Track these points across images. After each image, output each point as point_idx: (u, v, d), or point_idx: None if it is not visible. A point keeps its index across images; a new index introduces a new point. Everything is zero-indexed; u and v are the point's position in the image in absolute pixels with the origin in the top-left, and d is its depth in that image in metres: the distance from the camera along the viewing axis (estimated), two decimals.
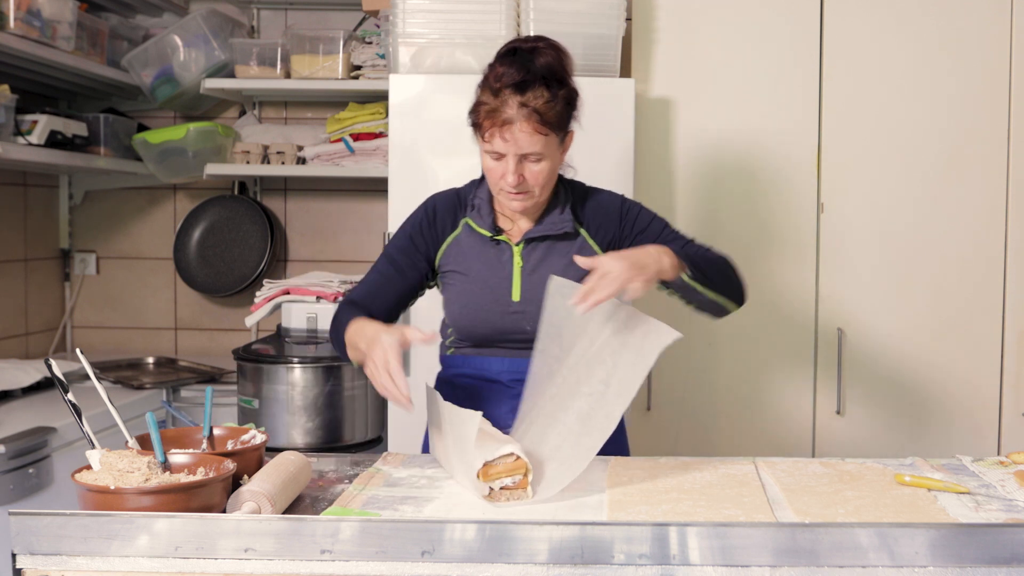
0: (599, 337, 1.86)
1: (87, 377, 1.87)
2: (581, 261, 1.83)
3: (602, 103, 2.82)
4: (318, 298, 3.06)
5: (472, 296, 2.02)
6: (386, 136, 3.31)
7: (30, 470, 2.40)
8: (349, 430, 2.85)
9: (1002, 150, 3.01)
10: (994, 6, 2.99)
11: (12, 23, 2.77)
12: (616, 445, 2.06)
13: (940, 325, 3.04)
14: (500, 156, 1.91)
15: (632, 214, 2.07)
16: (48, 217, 3.68)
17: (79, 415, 1.63)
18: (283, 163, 3.49)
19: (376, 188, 3.53)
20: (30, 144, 2.98)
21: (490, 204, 2.03)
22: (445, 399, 1.81)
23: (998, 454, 2.70)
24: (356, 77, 3.39)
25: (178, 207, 3.78)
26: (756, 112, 3.04)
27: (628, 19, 2.97)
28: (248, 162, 3.48)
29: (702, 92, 3.05)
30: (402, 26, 2.86)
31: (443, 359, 2.14)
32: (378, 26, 3.33)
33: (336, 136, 3.44)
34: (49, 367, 1.66)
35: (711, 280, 1.98)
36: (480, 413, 1.64)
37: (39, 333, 3.62)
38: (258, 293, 3.17)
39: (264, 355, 2.87)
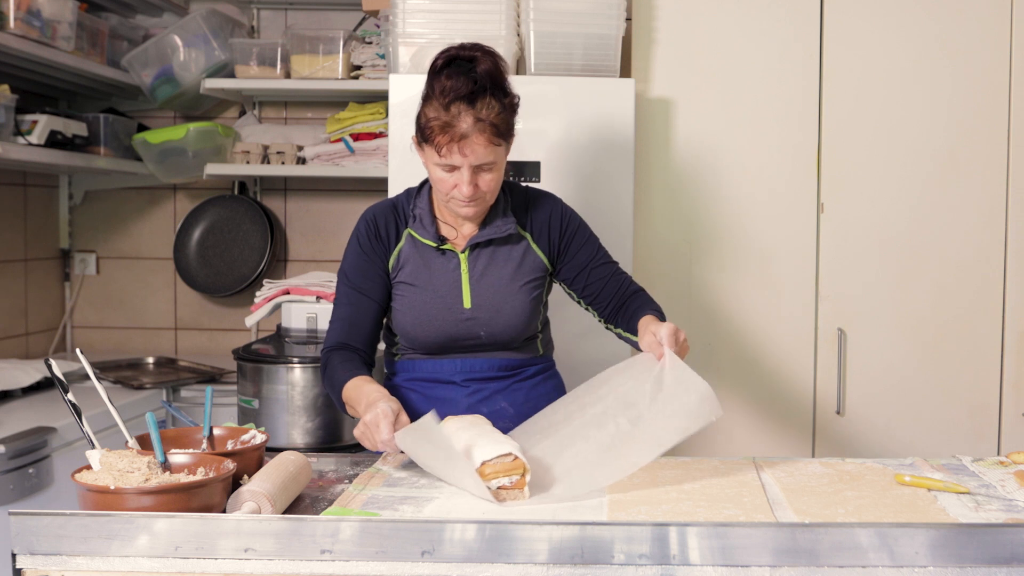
0: (641, 377, 1.86)
1: (87, 377, 1.87)
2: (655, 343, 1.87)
3: (602, 103, 2.82)
4: (318, 298, 3.05)
5: (424, 307, 2.03)
6: (386, 136, 3.31)
7: (30, 470, 2.40)
8: (349, 430, 2.84)
9: (1002, 150, 3.01)
10: (994, 6, 2.99)
11: (12, 23, 2.77)
12: None
13: (940, 325, 3.04)
14: (453, 168, 1.92)
15: (572, 227, 2.12)
16: (48, 217, 3.68)
17: (79, 415, 1.63)
18: (283, 163, 3.49)
19: (376, 188, 3.53)
20: (30, 144, 2.98)
21: (431, 214, 2.06)
22: (404, 406, 1.87)
23: (998, 454, 2.70)
24: (356, 77, 3.39)
25: (178, 207, 3.78)
26: (756, 112, 3.04)
27: (628, 19, 2.97)
28: (248, 162, 3.48)
29: (702, 92, 3.05)
30: (402, 26, 2.86)
31: (392, 364, 2.16)
32: (378, 26, 3.33)
33: (336, 136, 3.44)
34: (49, 367, 1.66)
35: None
36: (432, 412, 1.67)
37: (39, 333, 3.62)
38: (258, 293, 3.16)
39: (264, 355, 2.87)
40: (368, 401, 1.86)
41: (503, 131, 1.92)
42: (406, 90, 2.83)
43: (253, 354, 2.89)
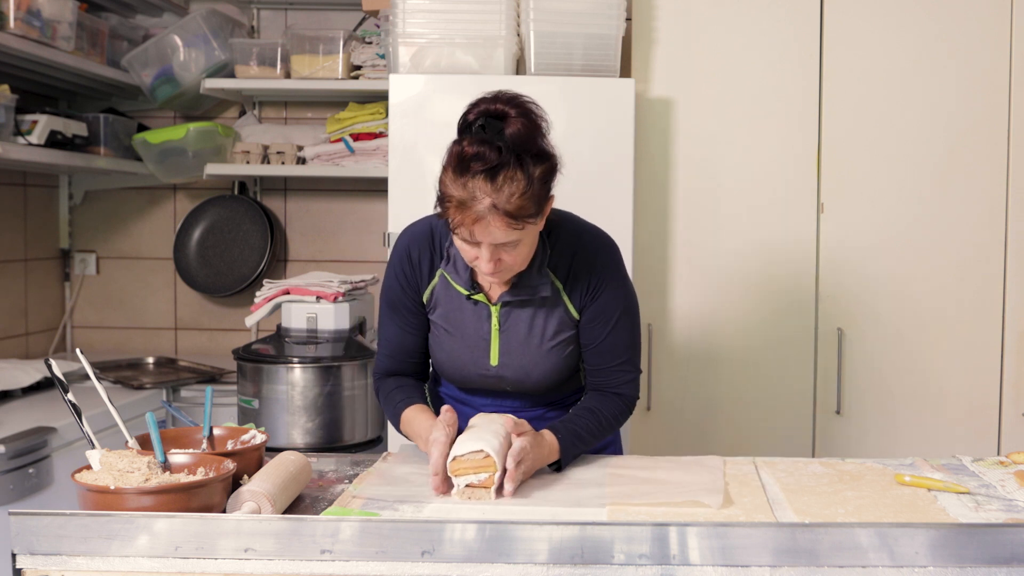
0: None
1: (87, 377, 1.87)
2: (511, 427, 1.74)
3: (602, 103, 2.82)
4: (318, 298, 3.05)
5: (453, 353, 1.95)
6: (386, 136, 3.31)
7: (30, 470, 2.40)
8: (349, 430, 2.84)
9: (1002, 150, 3.01)
10: (994, 6, 2.99)
11: (12, 23, 2.77)
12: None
13: (940, 325, 3.04)
14: (472, 243, 1.74)
15: (601, 291, 1.91)
16: (48, 217, 3.68)
17: (79, 415, 1.63)
18: (283, 163, 3.48)
19: (376, 188, 3.53)
20: (30, 144, 2.98)
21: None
22: (437, 406, 1.92)
23: (998, 454, 2.70)
24: (356, 77, 3.39)
25: (178, 207, 3.78)
26: (756, 112, 3.04)
27: (628, 19, 2.97)
28: (248, 162, 3.48)
29: (702, 92, 3.05)
30: (402, 26, 2.86)
31: (434, 373, 2.13)
32: (378, 26, 3.33)
33: (336, 136, 3.43)
34: (49, 367, 1.66)
35: (577, 454, 1.88)
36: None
37: (39, 333, 3.62)
38: (258, 293, 3.16)
39: (264, 355, 2.87)
40: (423, 439, 1.83)
41: (527, 213, 1.70)
42: (406, 90, 2.83)
43: (253, 354, 2.89)
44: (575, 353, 1.96)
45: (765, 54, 3.04)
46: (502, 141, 1.69)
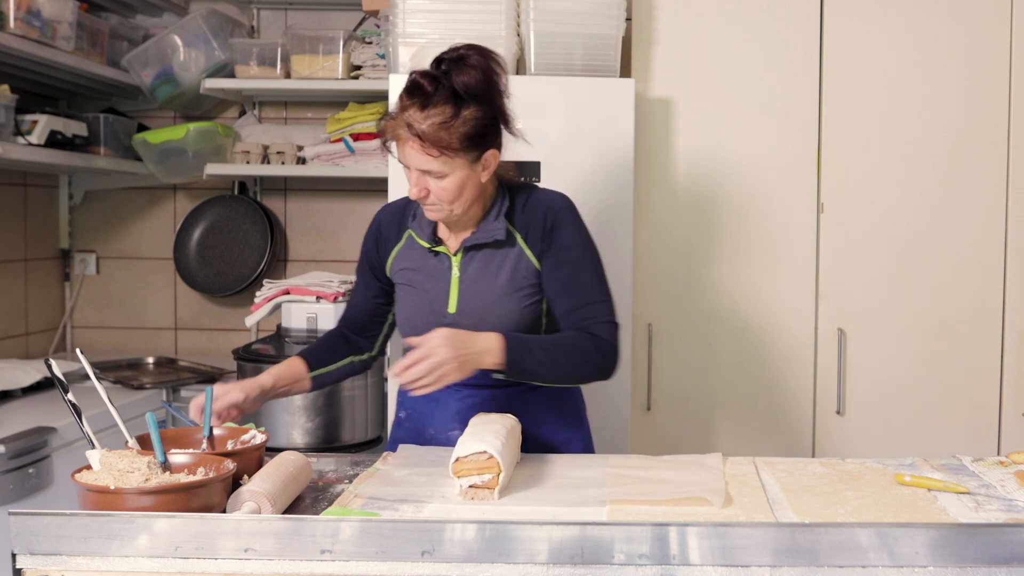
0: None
1: (87, 377, 1.87)
2: (401, 365, 1.77)
3: (602, 103, 2.82)
4: (318, 298, 3.06)
5: (412, 307, 2.02)
6: None
7: (30, 470, 2.40)
8: (349, 430, 2.85)
9: (1002, 150, 3.01)
10: (994, 6, 2.99)
11: (12, 23, 2.77)
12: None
13: (940, 325, 3.04)
14: (407, 167, 1.89)
15: (555, 232, 1.97)
16: (48, 217, 3.68)
17: (79, 415, 1.63)
18: (283, 163, 3.48)
19: (376, 188, 3.53)
20: (30, 144, 2.98)
21: None
22: (405, 398, 2.06)
23: (998, 454, 2.70)
24: (356, 77, 3.39)
25: (178, 207, 3.78)
26: (756, 112, 3.04)
27: (628, 19, 2.97)
28: (248, 162, 3.48)
29: (702, 92, 3.05)
30: (402, 26, 2.86)
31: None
32: (378, 26, 3.33)
33: (336, 136, 3.43)
34: (49, 367, 1.66)
35: (536, 378, 1.91)
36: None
37: (39, 333, 3.62)
38: (258, 293, 3.16)
39: (264, 355, 2.87)
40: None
41: (442, 143, 1.82)
42: None
43: (253, 354, 2.89)
44: (535, 310, 1.99)
45: (765, 54, 3.04)
46: (447, 80, 1.83)
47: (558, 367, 1.90)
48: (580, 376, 1.96)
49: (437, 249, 2.01)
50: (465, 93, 1.83)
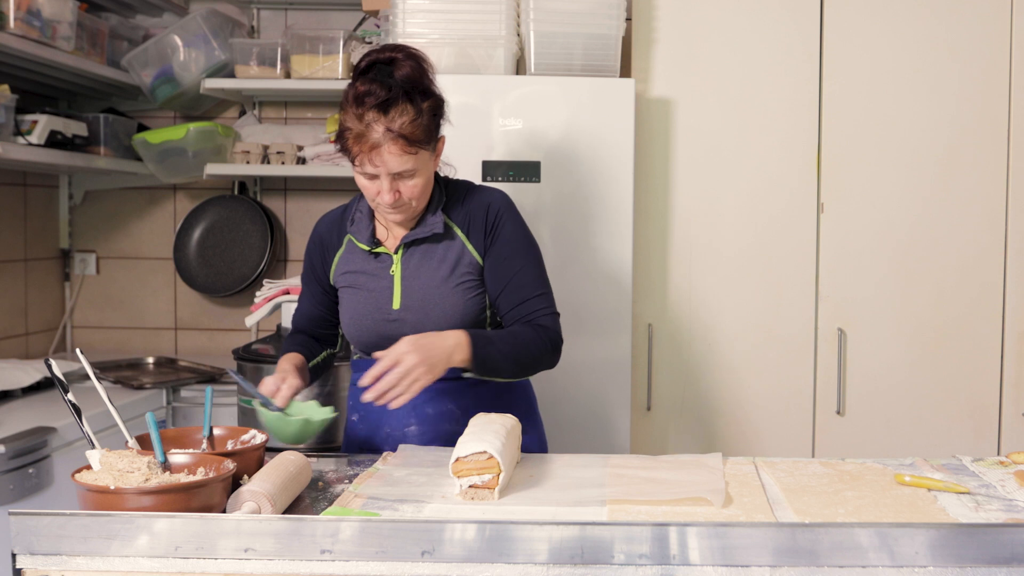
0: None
1: (87, 377, 1.87)
2: (369, 376, 1.80)
3: (602, 103, 2.82)
4: None
5: (357, 307, 2.05)
6: None
7: (30, 470, 2.40)
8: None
9: (1002, 150, 3.01)
10: (994, 6, 2.99)
11: (12, 23, 2.77)
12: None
13: (940, 325, 3.04)
14: (373, 176, 1.90)
15: (498, 227, 2.03)
16: (48, 217, 3.68)
17: (79, 415, 1.63)
18: (283, 163, 3.49)
19: None
20: (30, 144, 2.98)
21: (369, 217, 2.05)
22: (356, 401, 2.07)
23: (998, 454, 2.70)
24: None
25: (178, 207, 3.78)
26: (756, 112, 3.04)
27: (628, 19, 2.98)
28: (248, 162, 3.48)
29: (702, 92, 3.05)
30: (402, 26, 2.86)
31: (352, 363, 2.20)
32: (378, 26, 3.33)
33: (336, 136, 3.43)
34: (49, 367, 1.66)
35: (500, 372, 1.96)
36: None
37: (39, 333, 3.62)
38: (258, 293, 3.16)
39: (264, 355, 2.87)
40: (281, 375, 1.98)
41: (418, 139, 1.88)
42: None
43: (253, 354, 2.89)
44: (479, 302, 2.02)
45: (765, 54, 3.04)
46: (392, 80, 1.87)
47: (518, 360, 1.97)
48: (534, 367, 2.02)
49: (377, 251, 2.04)
50: (412, 88, 1.88)
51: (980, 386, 3.05)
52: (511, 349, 1.95)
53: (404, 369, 1.78)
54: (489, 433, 1.70)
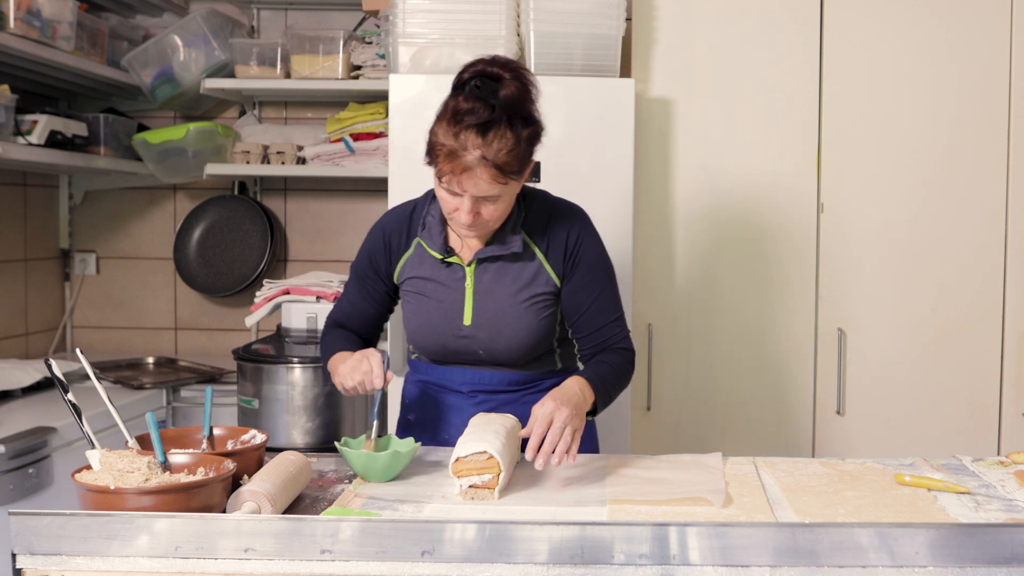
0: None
1: (87, 377, 1.87)
2: (532, 449, 1.72)
3: (602, 103, 2.82)
4: (318, 298, 3.06)
5: (426, 317, 1.99)
6: (386, 136, 3.31)
7: (30, 470, 2.40)
8: (349, 430, 2.85)
9: (1002, 150, 3.01)
10: (994, 7, 2.99)
11: (12, 23, 2.77)
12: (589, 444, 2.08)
13: (940, 325, 3.04)
14: (456, 193, 1.82)
15: (579, 253, 1.97)
16: (48, 217, 3.68)
17: (79, 415, 1.63)
18: (283, 163, 3.48)
19: (376, 188, 3.53)
20: (30, 144, 2.98)
21: (442, 223, 1.96)
22: (413, 401, 2.05)
23: (998, 454, 2.70)
24: (356, 77, 3.39)
25: (178, 207, 3.78)
26: (756, 112, 3.04)
27: (628, 19, 2.97)
28: (248, 162, 3.48)
29: (702, 92, 3.05)
30: (402, 26, 2.86)
31: (411, 362, 2.16)
32: (378, 26, 3.33)
33: (336, 136, 3.44)
34: (49, 367, 1.66)
35: (608, 403, 1.95)
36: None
37: (39, 333, 3.62)
38: (258, 293, 3.16)
39: (264, 355, 2.87)
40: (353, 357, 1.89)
41: (512, 169, 1.79)
42: (406, 90, 2.83)
43: (253, 354, 2.89)
44: (551, 321, 1.98)
45: (765, 54, 3.04)
46: (495, 100, 1.77)
47: (619, 388, 1.98)
48: (623, 388, 2.02)
49: (449, 260, 1.97)
50: (514, 112, 1.78)
51: (980, 386, 3.05)
52: (616, 381, 1.95)
53: (561, 424, 1.72)
54: (489, 433, 1.70)
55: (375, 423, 1.86)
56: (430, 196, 2.02)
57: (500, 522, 1.39)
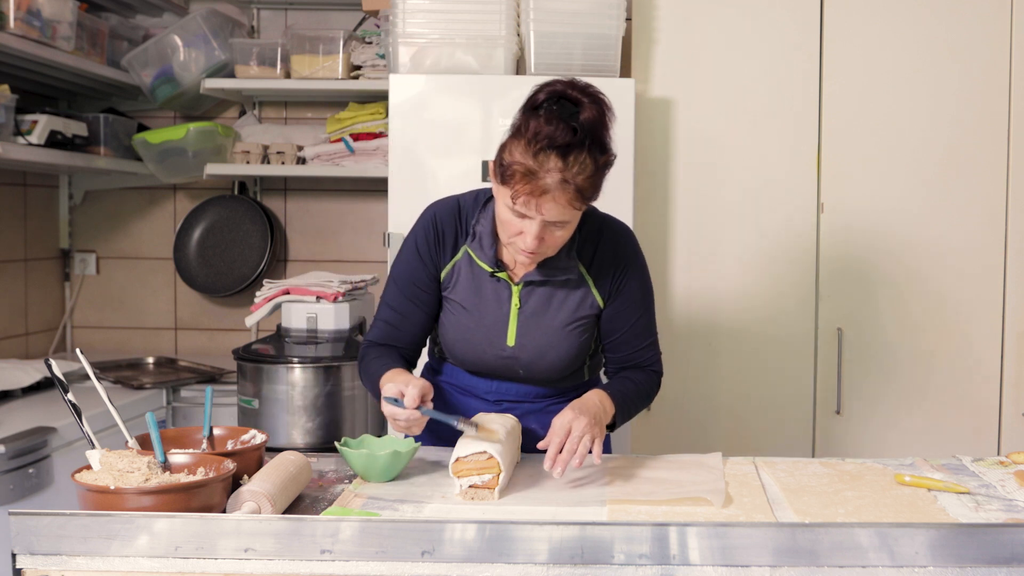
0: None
1: (87, 377, 1.87)
2: (550, 459, 1.71)
3: None
4: (318, 298, 3.05)
5: (468, 332, 1.94)
6: (386, 136, 3.31)
7: (30, 470, 2.40)
8: (349, 430, 2.84)
9: (1002, 150, 3.01)
10: (994, 7, 2.99)
11: (12, 23, 2.77)
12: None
13: (940, 325, 3.04)
14: (524, 216, 1.74)
15: (625, 278, 1.94)
16: (48, 217, 3.68)
17: (79, 415, 1.63)
18: (283, 163, 3.48)
19: (376, 188, 3.53)
20: (30, 144, 2.98)
21: (493, 236, 1.88)
22: (438, 398, 1.94)
23: (998, 454, 2.70)
24: (356, 77, 3.39)
25: (178, 207, 3.78)
26: (756, 112, 3.04)
27: (628, 19, 2.98)
28: (248, 162, 3.48)
29: (702, 92, 3.05)
30: (402, 26, 2.86)
31: (433, 359, 2.11)
32: (378, 26, 3.33)
33: (336, 136, 3.43)
34: (49, 367, 1.66)
35: (628, 419, 1.95)
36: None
37: (39, 333, 3.62)
38: (258, 293, 3.16)
39: (264, 355, 2.87)
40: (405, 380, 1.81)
41: (588, 196, 1.73)
42: (406, 90, 2.83)
43: (253, 354, 2.89)
44: (589, 340, 1.96)
45: (765, 54, 3.04)
46: (577, 123, 1.70)
47: (637, 408, 1.97)
48: (643, 407, 2.03)
49: (499, 275, 1.90)
50: (593, 138, 1.72)
51: (980, 386, 3.05)
52: (637, 398, 1.95)
53: (579, 433, 1.72)
54: (493, 433, 1.71)
55: (459, 419, 1.76)
56: (480, 203, 1.93)
57: (500, 522, 1.39)
